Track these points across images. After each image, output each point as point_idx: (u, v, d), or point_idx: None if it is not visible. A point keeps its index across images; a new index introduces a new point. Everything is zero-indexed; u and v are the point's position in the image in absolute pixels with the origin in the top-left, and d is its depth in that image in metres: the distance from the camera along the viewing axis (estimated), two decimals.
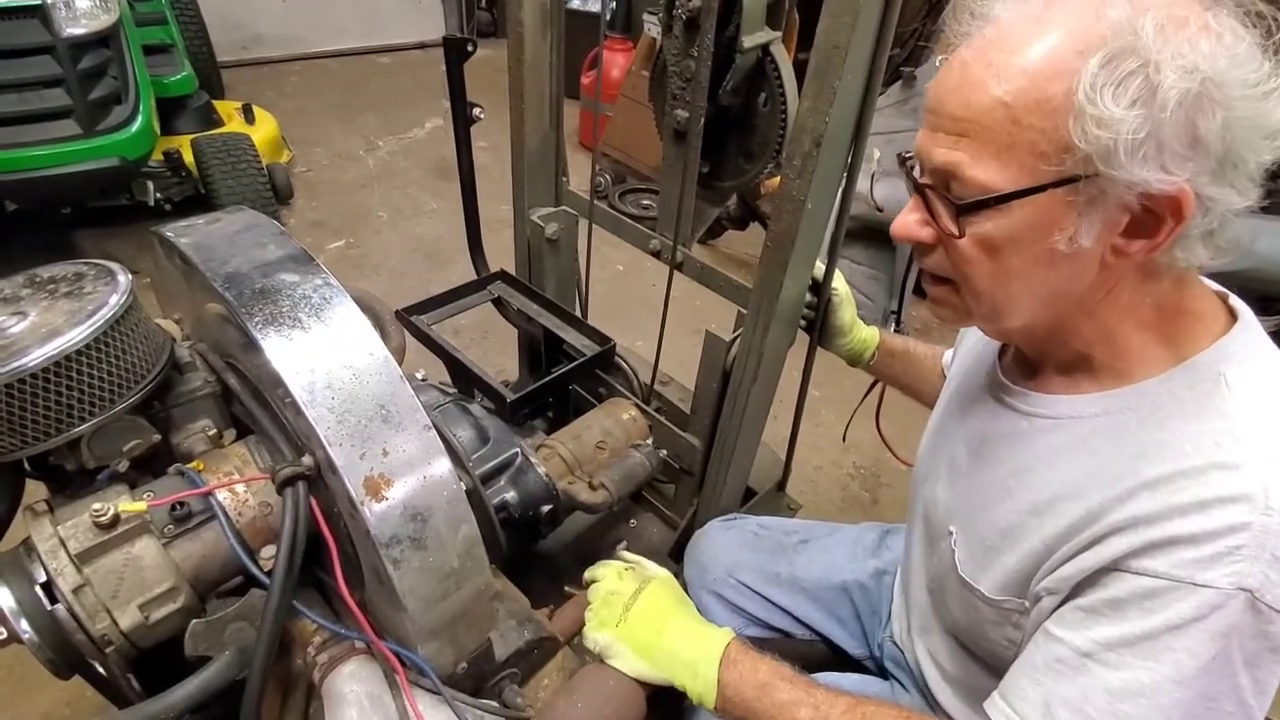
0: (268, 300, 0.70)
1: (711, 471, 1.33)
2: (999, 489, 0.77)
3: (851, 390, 1.53)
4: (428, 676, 0.73)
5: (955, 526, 0.83)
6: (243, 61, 5.22)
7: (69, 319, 0.70)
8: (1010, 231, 0.62)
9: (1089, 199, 0.59)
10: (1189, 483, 0.60)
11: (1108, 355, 0.70)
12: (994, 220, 0.62)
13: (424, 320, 1.38)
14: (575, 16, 4.58)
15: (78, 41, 2.40)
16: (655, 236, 1.32)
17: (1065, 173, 0.58)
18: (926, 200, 0.68)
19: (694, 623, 0.90)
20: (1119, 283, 0.66)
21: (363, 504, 0.63)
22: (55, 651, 0.68)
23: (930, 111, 0.66)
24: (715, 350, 1.21)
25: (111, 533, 0.70)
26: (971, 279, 0.67)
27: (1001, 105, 0.59)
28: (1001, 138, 0.59)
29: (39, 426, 0.69)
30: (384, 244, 3.44)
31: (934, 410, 1.01)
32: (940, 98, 0.64)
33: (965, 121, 0.61)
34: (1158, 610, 0.59)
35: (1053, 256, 0.63)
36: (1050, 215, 0.60)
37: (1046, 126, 0.58)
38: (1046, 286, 0.66)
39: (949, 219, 0.65)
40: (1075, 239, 0.61)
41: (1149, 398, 0.67)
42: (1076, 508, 0.66)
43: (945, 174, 0.64)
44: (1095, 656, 0.63)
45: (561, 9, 1.31)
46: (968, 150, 0.61)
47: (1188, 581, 0.58)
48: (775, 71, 1.10)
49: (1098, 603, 0.63)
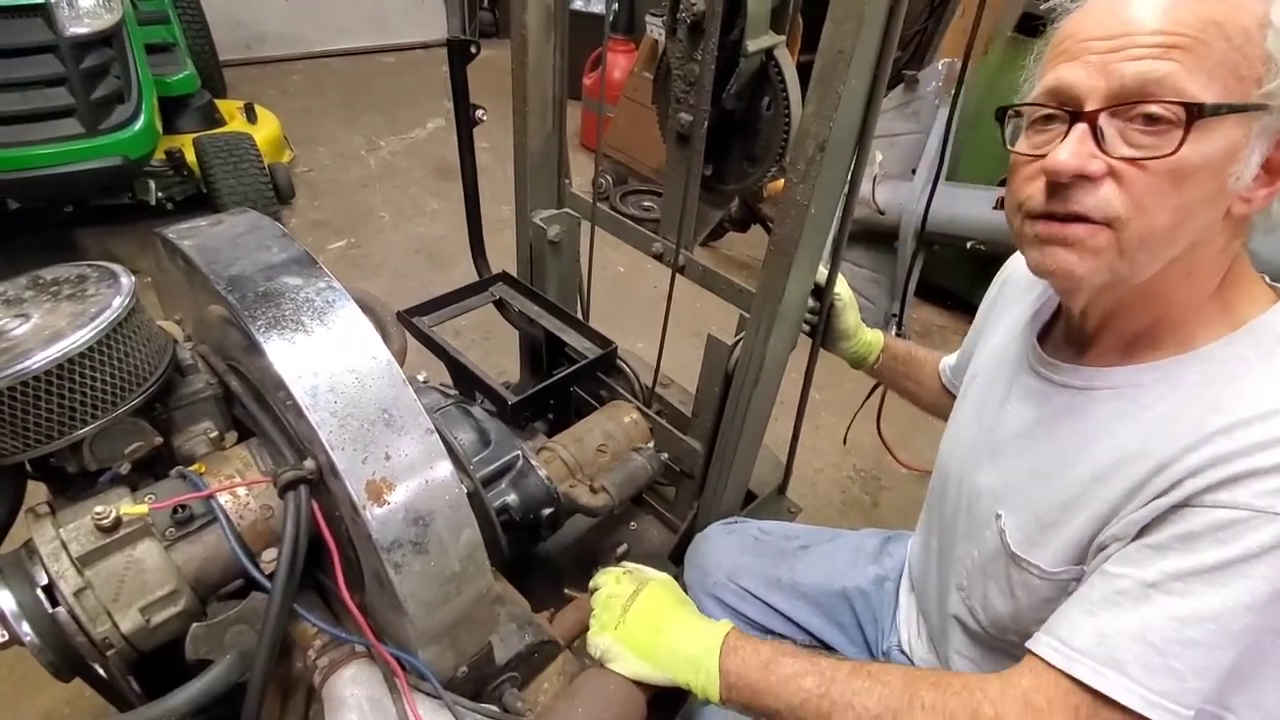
0: (271, 303, 0.70)
1: (712, 475, 1.33)
2: (1057, 463, 0.76)
3: (852, 393, 1.53)
4: (428, 680, 0.73)
5: (1004, 510, 0.82)
6: (245, 60, 5.23)
7: (72, 321, 0.70)
8: (1206, 156, 0.60)
9: (1260, 132, 0.61)
10: (1265, 424, 0.60)
11: (1177, 323, 0.70)
12: (1195, 143, 0.60)
13: (425, 322, 1.38)
14: (578, 18, 4.56)
15: (80, 41, 2.40)
16: (657, 239, 1.32)
17: (1258, 100, 0.59)
18: (1095, 132, 0.63)
19: (692, 619, 0.89)
20: (1215, 239, 0.66)
21: (364, 508, 0.63)
22: (56, 654, 0.68)
23: (1097, 38, 0.63)
24: (717, 354, 1.20)
25: (113, 535, 0.70)
26: (1151, 212, 0.62)
27: (1214, 24, 0.59)
28: (1215, 54, 0.59)
29: (41, 429, 0.69)
30: (386, 244, 3.44)
31: (957, 409, 1.00)
32: (1120, 20, 0.62)
33: (1176, 35, 0.59)
34: (1233, 540, 0.59)
35: (1221, 194, 0.62)
36: (1234, 144, 0.61)
37: (1248, 52, 0.59)
38: (1198, 229, 0.64)
39: (1136, 144, 0.61)
40: (1242, 176, 0.62)
41: (1213, 361, 0.67)
42: (1144, 465, 0.66)
43: (1143, 91, 0.60)
44: (1160, 586, 0.62)
45: (566, 11, 1.31)
46: (1180, 60, 0.59)
47: (1268, 510, 0.58)
48: (779, 76, 1.10)
49: (1167, 539, 0.63)
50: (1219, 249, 0.67)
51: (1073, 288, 0.71)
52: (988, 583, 0.84)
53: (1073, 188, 0.64)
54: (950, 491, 0.95)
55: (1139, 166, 0.62)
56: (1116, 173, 0.63)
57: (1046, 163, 0.65)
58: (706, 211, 1.33)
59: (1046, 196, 0.66)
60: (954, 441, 0.98)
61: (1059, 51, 0.67)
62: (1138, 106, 0.61)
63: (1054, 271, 0.68)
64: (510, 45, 1.31)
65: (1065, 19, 0.69)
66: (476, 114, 1.43)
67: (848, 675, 0.75)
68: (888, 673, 0.75)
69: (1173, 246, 0.65)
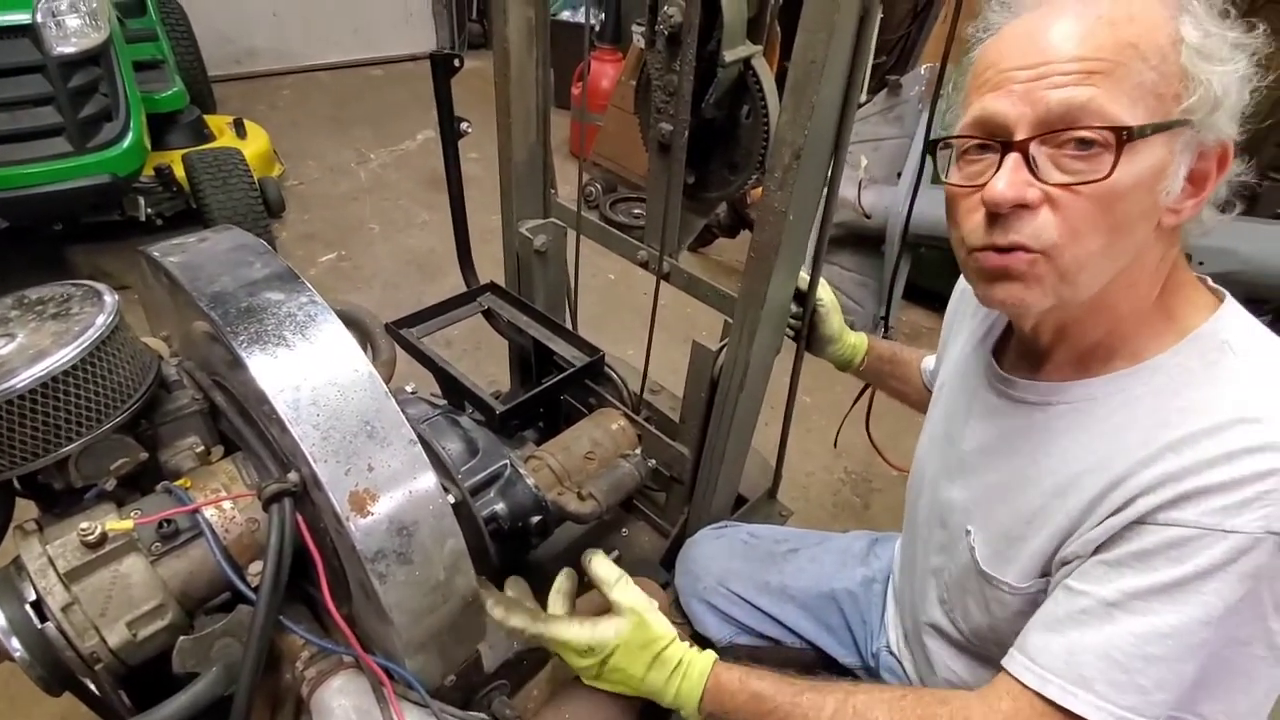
0: (253, 319, 0.71)
1: (702, 479, 1.34)
2: (1018, 480, 0.78)
3: (842, 396, 1.54)
4: (416, 690, 0.74)
5: (973, 525, 0.83)
6: (234, 75, 5.24)
7: (56, 340, 0.71)
8: (1137, 176, 0.62)
9: (1182, 147, 0.62)
10: (1212, 440, 0.62)
11: (1124, 336, 0.72)
12: (1126, 164, 0.61)
13: (413, 333, 1.39)
14: (565, 27, 4.61)
15: (68, 60, 2.41)
16: (643, 247, 1.33)
17: (1177, 117, 0.61)
18: (1029, 159, 0.64)
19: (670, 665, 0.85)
20: (1151, 250, 0.67)
21: (348, 519, 0.64)
22: (46, 669, 0.69)
23: (1019, 68, 0.64)
24: (702, 360, 1.21)
25: (99, 551, 0.70)
26: (1086, 238, 0.64)
27: (1130, 46, 0.60)
28: (1134, 75, 0.60)
29: (27, 447, 0.70)
30: (376, 256, 3.45)
31: (928, 418, 1.02)
32: (1039, 48, 0.63)
33: (1095, 60, 0.61)
34: (1186, 558, 0.61)
35: (1153, 210, 0.64)
36: (1161, 161, 0.62)
37: (1165, 71, 0.60)
38: (1135, 245, 0.65)
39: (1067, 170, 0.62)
40: (1170, 191, 0.63)
41: (1161, 372, 0.69)
42: (1100, 479, 0.68)
43: (1070, 117, 0.61)
44: (1121, 605, 0.64)
45: (546, 24, 1.33)
46: (1101, 85, 0.60)
47: (1217, 529, 0.59)
48: (757, 85, 1.11)
49: (1123, 555, 0.65)
50: (1157, 259, 0.69)
51: (1022, 314, 0.73)
52: (965, 597, 0.86)
53: (1011, 217, 0.65)
54: (923, 503, 0.97)
55: (1073, 192, 0.63)
56: (1052, 199, 0.64)
57: (985, 194, 0.65)
58: (690, 219, 1.35)
59: (986, 227, 0.67)
60: (925, 451, 0.99)
61: (981, 82, 0.68)
62: (1067, 133, 0.62)
63: (1003, 303, 0.70)
64: (492, 58, 1.32)
65: (981, 48, 0.70)
66: (461, 126, 1.44)
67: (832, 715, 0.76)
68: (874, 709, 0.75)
69: (1112, 265, 0.66)
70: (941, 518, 0.91)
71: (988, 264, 0.69)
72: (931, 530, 0.94)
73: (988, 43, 0.69)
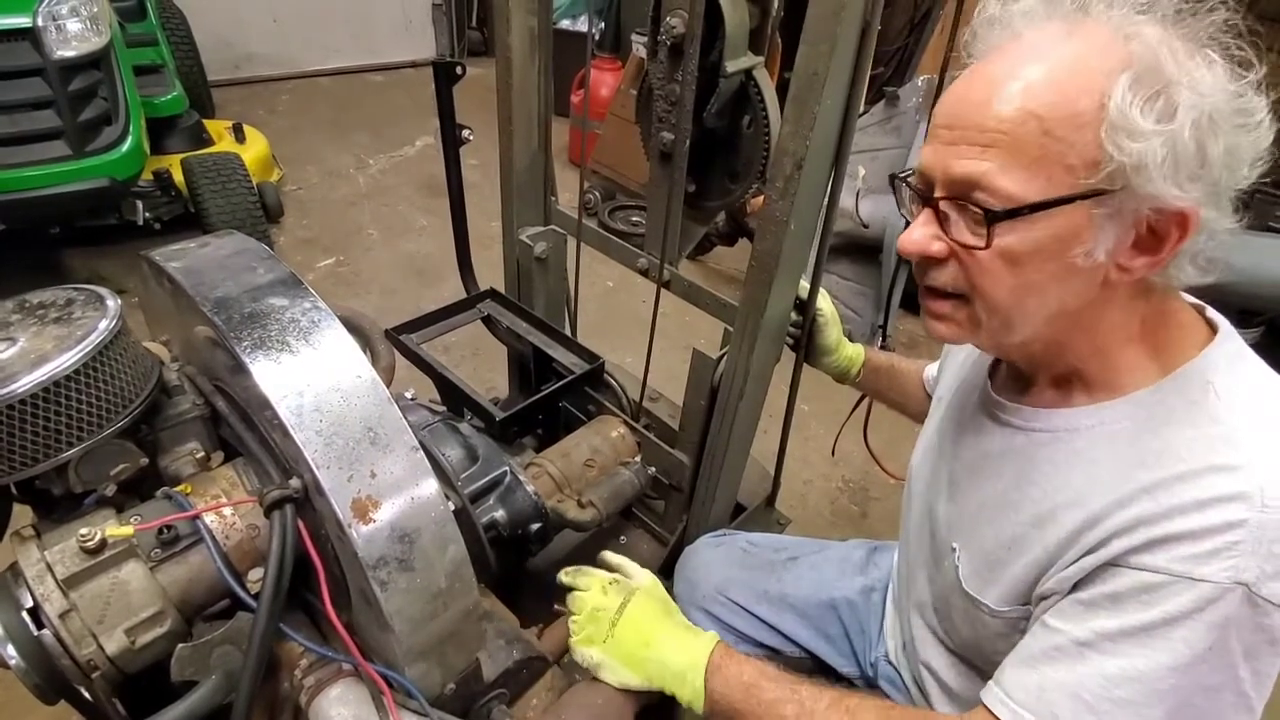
0: (256, 324, 0.71)
1: (701, 487, 1.34)
2: (1000, 503, 0.78)
3: (840, 404, 1.54)
4: (415, 698, 0.73)
5: (958, 543, 0.84)
6: (234, 80, 5.24)
7: (58, 345, 0.70)
8: (1035, 244, 0.63)
9: (1109, 214, 0.61)
10: (1186, 486, 0.62)
11: (1100, 369, 0.72)
12: (1019, 232, 0.63)
13: (413, 339, 1.39)
14: (565, 36, 4.63)
15: (68, 64, 2.41)
16: (643, 255, 1.34)
17: (1092, 186, 0.60)
18: (939, 215, 0.68)
19: (679, 630, 0.92)
20: (1113, 299, 0.68)
21: (350, 526, 0.64)
22: (42, 677, 0.68)
23: (945, 126, 0.66)
24: (702, 368, 1.22)
25: (98, 557, 0.70)
26: (988, 292, 0.67)
27: (1034, 117, 0.60)
28: (1032, 149, 0.60)
29: (27, 452, 0.70)
30: (375, 261, 3.45)
31: (925, 429, 1.02)
32: (961, 110, 0.65)
33: (994, 133, 0.62)
34: (1155, 603, 0.61)
35: (1069, 271, 0.64)
36: (1073, 229, 0.62)
37: (1076, 140, 0.59)
38: (1056, 301, 0.67)
39: (970, 231, 0.66)
40: (1092, 254, 0.63)
41: (1143, 408, 0.69)
42: (1077, 514, 0.68)
43: (968, 185, 0.64)
44: (1093, 645, 0.64)
45: (549, 33, 1.34)
46: (996, 160, 0.62)
47: (1185, 576, 0.60)
48: (758, 95, 1.12)
49: (1097, 596, 0.65)
50: (1119, 306, 0.69)
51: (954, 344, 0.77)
52: (951, 611, 0.87)
53: (929, 264, 0.71)
54: (915, 514, 0.97)
55: (969, 251, 0.67)
56: (956, 254, 0.68)
57: (899, 241, 0.72)
58: (691, 227, 1.35)
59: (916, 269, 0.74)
60: (919, 461, 1.00)
61: (930, 129, 0.70)
62: (966, 200, 0.65)
63: (939, 337, 0.76)
64: (495, 66, 1.33)
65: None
66: (463, 134, 1.44)
67: (826, 708, 0.78)
68: (864, 711, 0.78)
69: (1028, 317, 0.68)
70: (931, 530, 0.92)
71: (922, 301, 0.76)
72: (921, 542, 0.95)
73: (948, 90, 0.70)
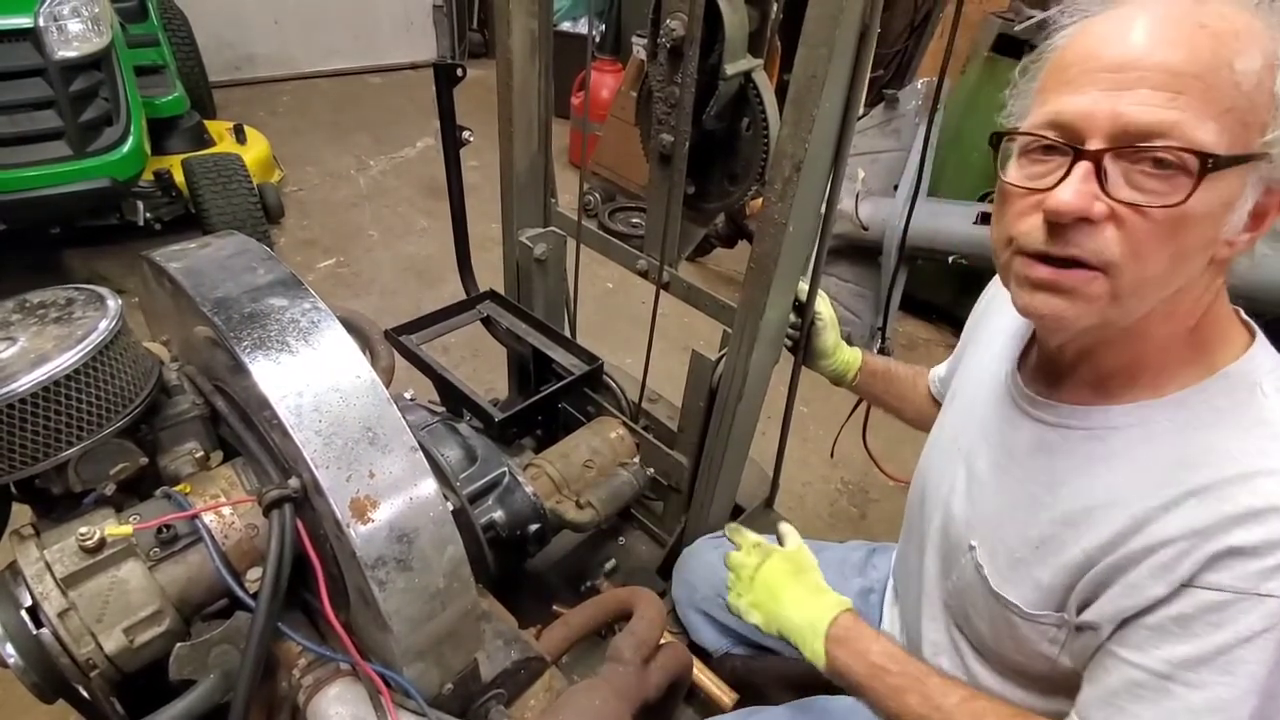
0: (256, 324, 0.71)
1: (699, 489, 1.34)
2: (1028, 500, 0.76)
3: (839, 406, 1.55)
4: (413, 698, 0.73)
5: (977, 540, 0.82)
6: (235, 81, 5.25)
7: (58, 344, 0.71)
8: (1209, 206, 0.58)
9: (1255, 182, 0.59)
10: (1237, 490, 0.60)
11: (1155, 360, 0.69)
12: (1203, 192, 0.57)
13: (413, 340, 1.39)
14: (565, 38, 4.64)
15: (69, 64, 2.41)
16: (642, 256, 1.34)
17: (1261, 147, 0.57)
18: (1100, 171, 0.59)
19: (805, 591, 0.94)
20: (1200, 280, 0.65)
21: (349, 526, 0.64)
22: (40, 676, 0.68)
23: (1110, 69, 0.59)
24: (701, 369, 1.22)
25: (97, 556, 0.70)
26: (1149, 261, 0.60)
27: (1228, 66, 0.56)
28: (1225, 99, 0.56)
29: (27, 451, 0.70)
30: (375, 262, 3.45)
31: (937, 426, 1.01)
32: (1132, 52, 0.58)
33: (1188, 77, 0.56)
34: (1226, 624, 0.60)
35: (1214, 240, 0.61)
36: (1234, 193, 0.59)
37: (1256, 99, 0.57)
38: (1188, 274, 0.62)
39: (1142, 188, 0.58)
40: (1234, 223, 0.60)
41: (1186, 408, 0.67)
42: (1118, 517, 0.66)
43: (1151, 134, 0.57)
44: (1174, 678, 0.63)
45: (550, 35, 1.34)
46: (1189, 108, 0.56)
47: (1253, 593, 0.58)
48: (757, 97, 1.13)
49: (1164, 620, 0.63)
50: (1202, 290, 0.66)
51: (1060, 330, 0.70)
52: (968, 609, 0.85)
53: (1072, 229, 0.61)
54: (926, 510, 0.96)
55: (1141, 212, 0.59)
56: (1117, 216, 0.60)
57: (1048, 202, 0.61)
58: (690, 229, 1.36)
59: (1046, 236, 0.63)
60: (931, 459, 0.98)
61: (1061, 79, 0.63)
62: (1146, 150, 0.58)
63: (1044, 316, 0.66)
64: (496, 68, 1.33)
65: (1066, 38, 0.64)
66: (463, 135, 1.45)
67: (955, 706, 0.77)
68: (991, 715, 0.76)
69: (1164, 291, 0.63)
70: (944, 527, 0.90)
71: (1035, 274, 0.65)
72: (932, 537, 0.93)
73: (1074, 34, 0.64)
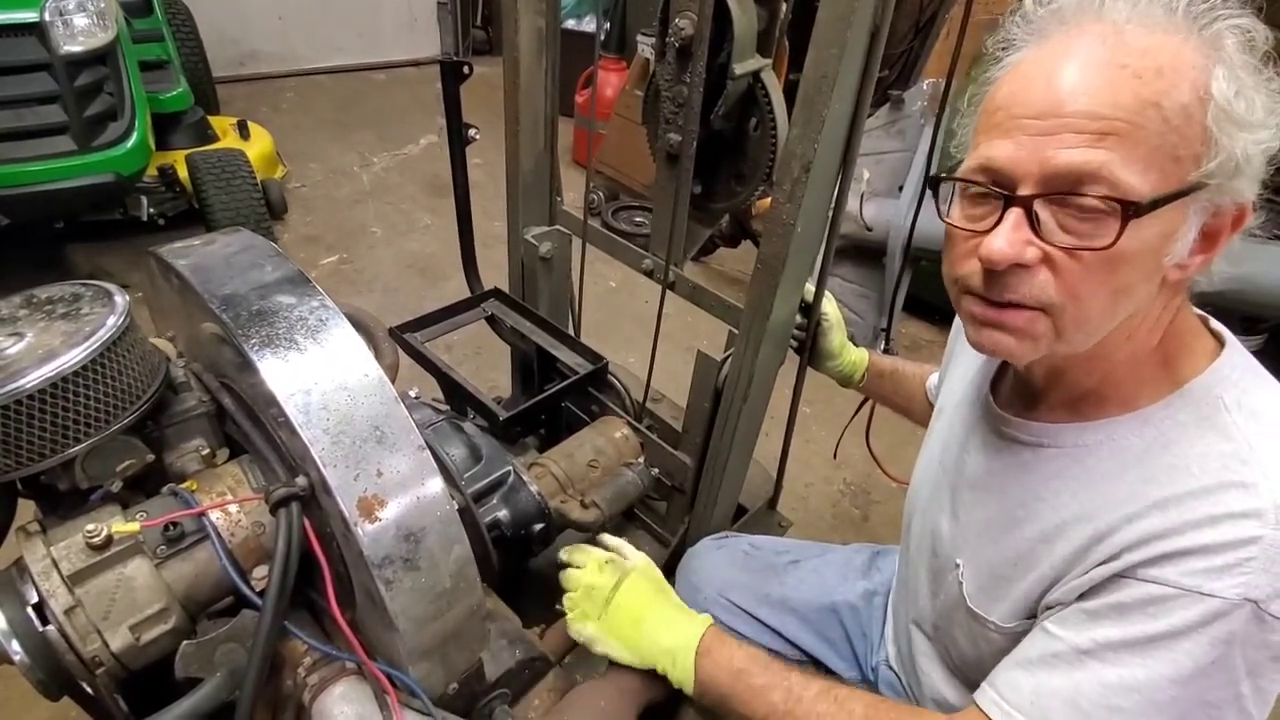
0: (264, 322, 0.71)
1: (703, 489, 1.34)
2: (1007, 519, 0.77)
3: (842, 407, 1.55)
4: (419, 697, 0.73)
5: (962, 560, 0.83)
6: (239, 77, 5.25)
7: (66, 340, 0.70)
8: (1144, 243, 0.59)
9: (1197, 209, 0.59)
10: (1199, 501, 0.61)
11: (1123, 379, 0.70)
12: (1132, 233, 0.57)
13: (417, 338, 1.39)
14: (570, 36, 4.62)
15: (75, 59, 2.42)
16: (648, 256, 1.34)
17: (1198, 179, 0.57)
18: (1032, 216, 0.60)
19: (671, 611, 0.94)
20: (1155, 303, 0.66)
21: (356, 524, 0.64)
22: (46, 673, 0.68)
23: (1034, 116, 0.60)
24: (706, 370, 1.22)
25: (104, 553, 0.70)
26: (1087, 300, 0.61)
27: (1153, 105, 0.56)
28: (1151, 139, 0.56)
29: (34, 447, 0.70)
30: (378, 259, 3.45)
31: (926, 443, 1.01)
32: (1062, 96, 0.58)
33: (1112, 120, 0.56)
34: (1162, 615, 0.61)
35: (1156, 271, 0.61)
36: (1173, 225, 0.59)
37: (1186, 132, 0.56)
38: (1133, 305, 0.63)
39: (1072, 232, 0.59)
40: (1178, 252, 0.61)
41: (1152, 424, 0.68)
42: (1085, 530, 0.67)
43: (1078, 179, 0.58)
44: (1093, 654, 0.64)
45: (557, 33, 1.34)
46: (1115, 150, 0.56)
47: (1195, 590, 0.59)
48: (765, 97, 1.12)
49: (1102, 606, 0.65)
50: (1159, 310, 0.67)
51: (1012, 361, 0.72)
52: (953, 627, 0.86)
53: (1009, 274, 0.62)
54: (916, 527, 0.97)
55: (1073, 255, 0.60)
56: (1051, 259, 0.61)
57: (981, 250, 0.63)
58: (696, 229, 1.35)
59: (983, 279, 0.65)
60: (922, 473, 0.99)
61: (990, 123, 0.64)
62: (1072, 197, 0.59)
63: (992, 351, 0.69)
64: (502, 65, 1.33)
65: (1003, 71, 0.65)
66: (469, 133, 1.44)
67: (814, 697, 0.79)
68: (853, 701, 0.78)
69: (1111, 323, 0.64)
70: (932, 546, 0.91)
71: (980, 313, 0.67)
72: (923, 555, 0.94)
73: (1003, 77, 0.65)
